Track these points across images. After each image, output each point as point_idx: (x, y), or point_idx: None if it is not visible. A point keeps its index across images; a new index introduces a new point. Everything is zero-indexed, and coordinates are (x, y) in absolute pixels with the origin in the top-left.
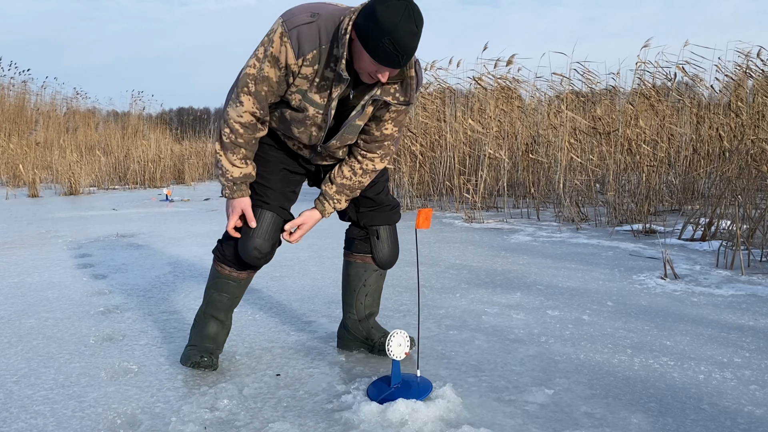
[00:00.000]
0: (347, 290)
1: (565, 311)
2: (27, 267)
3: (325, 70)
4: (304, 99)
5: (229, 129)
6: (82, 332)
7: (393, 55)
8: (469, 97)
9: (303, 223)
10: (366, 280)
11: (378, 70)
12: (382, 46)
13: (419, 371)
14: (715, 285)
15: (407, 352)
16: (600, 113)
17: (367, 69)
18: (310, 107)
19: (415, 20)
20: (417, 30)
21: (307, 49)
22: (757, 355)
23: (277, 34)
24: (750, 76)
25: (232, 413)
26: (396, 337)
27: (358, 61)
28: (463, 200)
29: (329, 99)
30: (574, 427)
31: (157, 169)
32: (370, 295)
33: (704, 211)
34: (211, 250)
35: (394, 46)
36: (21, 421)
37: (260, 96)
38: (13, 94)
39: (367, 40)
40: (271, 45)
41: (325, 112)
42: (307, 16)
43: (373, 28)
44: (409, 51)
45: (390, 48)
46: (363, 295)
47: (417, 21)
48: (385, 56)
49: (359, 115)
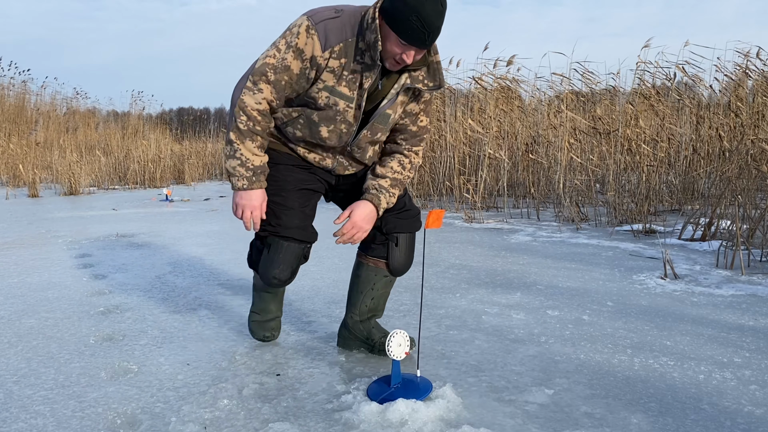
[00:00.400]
0: (354, 290)
1: (565, 311)
2: (27, 267)
3: (353, 62)
4: (332, 94)
5: (247, 116)
6: (82, 332)
7: (420, 33)
8: (469, 97)
9: (354, 221)
10: (375, 284)
11: (404, 51)
12: (410, 23)
13: (419, 371)
14: (715, 285)
15: (407, 352)
16: (600, 113)
17: (393, 52)
18: (340, 101)
19: (441, 0)
20: (442, 9)
21: (334, 41)
22: (757, 355)
23: (303, 27)
24: (749, 77)
25: (232, 413)
26: (396, 337)
27: (385, 42)
28: (463, 200)
29: (360, 90)
30: (574, 427)
31: (157, 169)
32: (376, 299)
33: (704, 211)
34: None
35: (421, 23)
36: (21, 421)
37: (279, 86)
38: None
39: (394, 20)
40: (297, 37)
41: (357, 104)
42: (332, 12)
43: (400, 7)
44: (435, 29)
45: (417, 25)
46: (369, 298)
47: (443, 1)
48: (413, 34)
49: (391, 103)
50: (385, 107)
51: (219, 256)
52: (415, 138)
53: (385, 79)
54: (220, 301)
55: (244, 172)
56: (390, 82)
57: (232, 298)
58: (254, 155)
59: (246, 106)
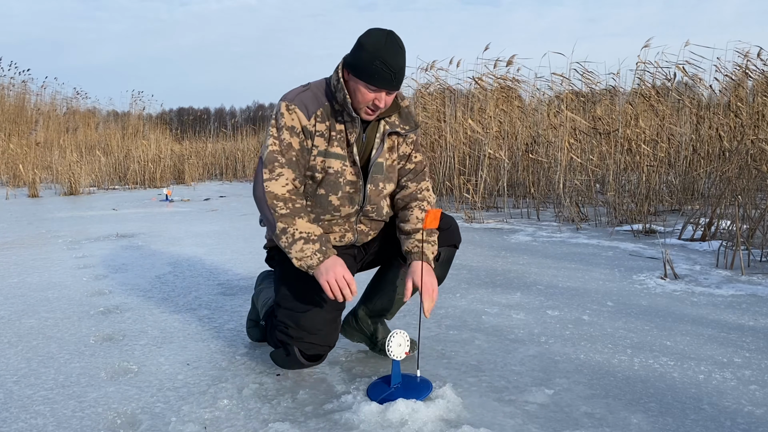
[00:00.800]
0: (375, 286)
1: (565, 311)
2: (27, 267)
3: (336, 123)
4: (326, 157)
5: (283, 202)
6: (82, 332)
7: (386, 74)
8: (469, 97)
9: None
10: (398, 288)
11: (376, 96)
12: (375, 68)
13: (419, 371)
14: (715, 285)
15: (407, 352)
16: (600, 113)
17: (366, 100)
18: (335, 162)
19: (398, 43)
20: (401, 49)
21: (313, 108)
22: (757, 355)
23: (284, 108)
24: (749, 77)
25: (232, 413)
26: (396, 337)
27: (355, 97)
28: (463, 200)
29: (348, 145)
30: (574, 427)
31: (157, 169)
32: (397, 302)
33: (704, 211)
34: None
35: (385, 65)
36: (21, 421)
37: (292, 163)
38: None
39: (360, 70)
40: (282, 117)
41: (351, 161)
42: (301, 88)
43: (362, 56)
44: (399, 69)
45: (382, 68)
46: (387, 299)
47: (399, 43)
48: (380, 77)
49: (380, 152)
50: (376, 157)
51: (219, 256)
52: (417, 175)
53: (368, 130)
54: (220, 301)
55: (312, 246)
56: (372, 132)
57: (232, 298)
58: (312, 226)
59: (276, 194)
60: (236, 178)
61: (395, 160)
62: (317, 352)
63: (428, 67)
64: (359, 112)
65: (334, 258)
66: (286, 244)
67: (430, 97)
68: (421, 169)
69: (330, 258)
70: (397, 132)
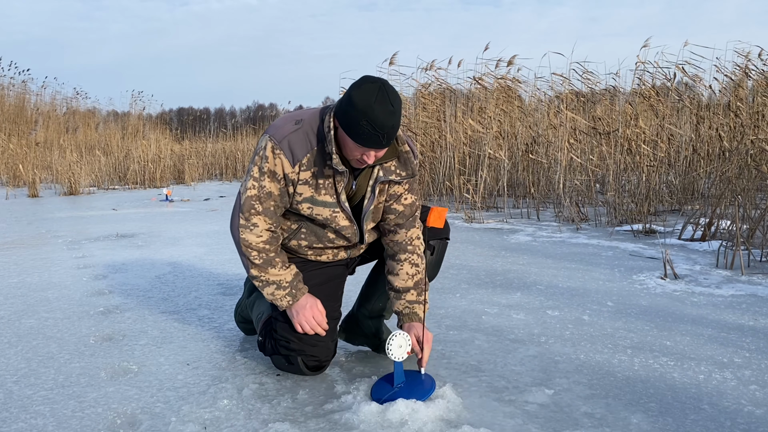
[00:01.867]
0: (372, 285)
1: (565, 311)
2: (27, 267)
3: (324, 168)
4: (314, 204)
5: (257, 251)
6: (82, 332)
7: (374, 136)
8: (469, 97)
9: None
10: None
11: (363, 153)
12: (362, 127)
13: (423, 369)
14: (715, 285)
15: (408, 352)
16: (600, 113)
17: (354, 154)
18: (324, 210)
19: (390, 99)
20: (393, 108)
21: (300, 154)
22: (757, 355)
23: (269, 150)
24: (749, 77)
25: (232, 413)
26: (396, 339)
27: (344, 148)
28: (463, 200)
29: (337, 194)
30: (574, 427)
31: (157, 169)
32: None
33: (704, 211)
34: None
35: (372, 126)
36: (21, 421)
37: (269, 212)
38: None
39: (347, 125)
40: (266, 161)
41: (341, 208)
42: (292, 125)
43: (351, 113)
44: (389, 129)
45: (369, 128)
46: (385, 297)
47: (392, 99)
48: (367, 137)
49: (372, 202)
50: (368, 206)
51: (219, 256)
52: (407, 220)
53: (360, 177)
54: (220, 301)
55: (283, 292)
56: (364, 177)
57: (232, 298)
58: (282, 273)
59: (250, 243)
60: (236, 178)
61: (382, 202)
62: (319, 363)
63: (428, 66)
64: (349, 163)
65: (304, 298)
66: (259, 285)
67: (430, 97)
68: (411, 213)
69: (300, 299)
70: (391, 180)
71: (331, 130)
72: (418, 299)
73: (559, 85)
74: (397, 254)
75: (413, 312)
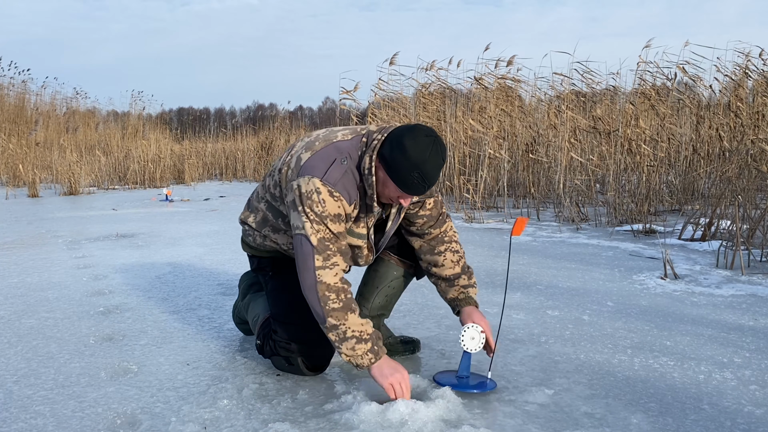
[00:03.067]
0: (368, 284)
1: (565, 311)
2: (27, 267)
3: (363, 204)
4: (350, 235)
5: (335, 293)
6: (82, 332)
7: (421, 187)
8: (469, 97)
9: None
10: (392, 281)
11: (401, 196)
12: (411, 178)
13: (489, 374)
14: (715, 285)
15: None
16: (600, 113)
17: (391, 197)
18: (357, 240)
19: (442, 155)
20: (443, 162)
21: (354, 195)
22: (757, 355)
23: (325, 194)
24: (749, 77)
25: (232, 413)
26: (469, 331)
27: (383, 188)
28: (463, 200)
29: (367, 228)
30: (574, 427)
31: (157, 169)
32: (389, 296)
33: (704, 211)
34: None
35: (422, 179)
36: (21, 421)
37: (343, 251)
38: (13, 94)
39: (395, 172)
40: (323, 205)
41: (368, 237)
42: (339, 164)
43: (402, 161)
44: (434, 181)
45: (418, 180)
46: (383, 294)
47: (443, 155)
48: (414, 188)
49: (395, 225)
50: (391, 230)
51: (219, 256)
52: (437, 220)
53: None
54: (220, 301)
55: (364, 345)
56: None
57: (232, 298)
58: (363, 323)
59: (329, 284)
60: (236, 178)
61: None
62: (321, 363)
63: (428, 66)
64: (380, 197)
65: (386, 359)
66: (336, 339)
67: (431, 97)
68: (438, 213)
69: (382, 359)
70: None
71: (372, 173)
72: (470, 282)
73: (560, 85)
74: (435, 248)
75: (468, 296)
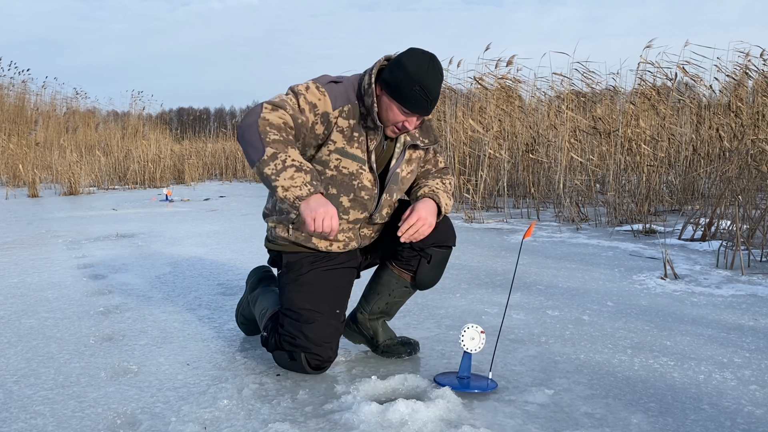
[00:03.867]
0: (371, 289)
1: (565, 311)
2: (27, 267)
3: (359, 124)
4: (344, 156)
5: (276, 129)
6: (82, 332)
7: (423, 101)
8: (469, 97)
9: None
10: (394, 290)
11: (407, 119)
12: (413, 93)
13: (490, 374)
14: (715, 285)
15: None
16: (600, 113)
17: (396, 120)
18: (352, 163)
19: (439, 69)
20: (441, 77)
21: (342, 102)
22: (757, 355)
23: (313, 86)
24: (749, 77)
25: (232, 413)
26: (469, 331)
27: (386, 114)
28: (463, 200)
29: (368, 152)
30: (574, 427)
31: (157, 169)
32: (391, 303)
33: (704, 211)
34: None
35: (424, 92)
36: (21, 421)
37: (298, 124)
38: (13, 94)
39: (396, 89)
40: (307, 91)
41: (369, 166)
42: (332, 77)
43: (402, 78)
44: (436, 96)
45: (420, 94)
46: (384, 301)
47: (440, 69)
48: (416, 103)
49: (400, 163)
50: (395, 167)
51: (219, 256)
52: (440, 172)
53: (388, 140)
54: (220, 301)
55: (304, 175)
56: (392, 143)
57: (232, 298)
58: (303, 157)
59: (272, 122)
60: (236, 178)
61: (411, 172)
62: (322, 363)
63: None
64: (385, 128)
65: (320, 197)
66: (274, 171)
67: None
68: (447, 170)
69: (317, 195)
70: (417, 145)
71: (371, 85)
72: (445, 192)
73: (560, 85)
74: (428, 177)
75: (435, 194)
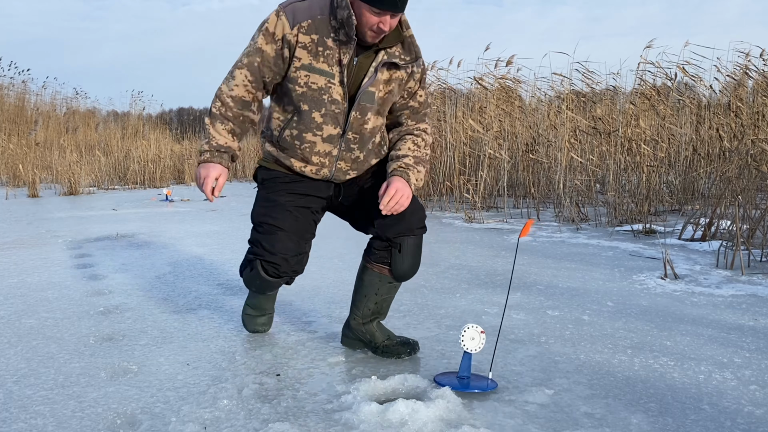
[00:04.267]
0: (358, 293)
1: (565, 311)
2: (27, 267)
3: (328, 39)
4: (311, 72)
5: (220, 102)
6: (82, 332)
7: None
8: (469, 97)
9: (396, 185)
10: (379, 289)
11: (380, 20)
12: None
13: (490, 374)
14: (715, 285)
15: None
16: (600, 113)
17: (370, 23)
18: (320, 78)
19: None
20: None
21: (302, 18)
22: (757, 355)
23: (273, 13)
24: (749, 77)
25: (232, 413)
26: (469, 331)
27: (360, 21)
28: (463, 200)
29: (340, 66)
30: (574, 427)
31: (157, 169)
32: (380, 302)
33: (704, 211)
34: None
35: None
36: (21, 421)
37: (253, 67)
38: (13, 94)
39: None
40: (267, 22)
41: (339, 80)
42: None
43: None
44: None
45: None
46: (372, 302)
47: None
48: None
49: (372, 81)
50: (367, 85)
51: (219, 256)
52: (417, 114)
53: (362, 57)
54: (220, 301)
55: (207, 147)
56: (367, 60)
57: (232, 298)
58: (220, 135)
59: (221, 93)
60: (236, 178)
61: (389, 92)
62: (278, 272)
63: (429, 67)
64: (364, 37)
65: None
66: (203, 134)
67: (431, 97)
68: (423, 110)
69: (211, 163)
70: (395, 63)
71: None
72: (416, 167)
73: (560, 85)
74: (403, 137)
75: (404, 171)
